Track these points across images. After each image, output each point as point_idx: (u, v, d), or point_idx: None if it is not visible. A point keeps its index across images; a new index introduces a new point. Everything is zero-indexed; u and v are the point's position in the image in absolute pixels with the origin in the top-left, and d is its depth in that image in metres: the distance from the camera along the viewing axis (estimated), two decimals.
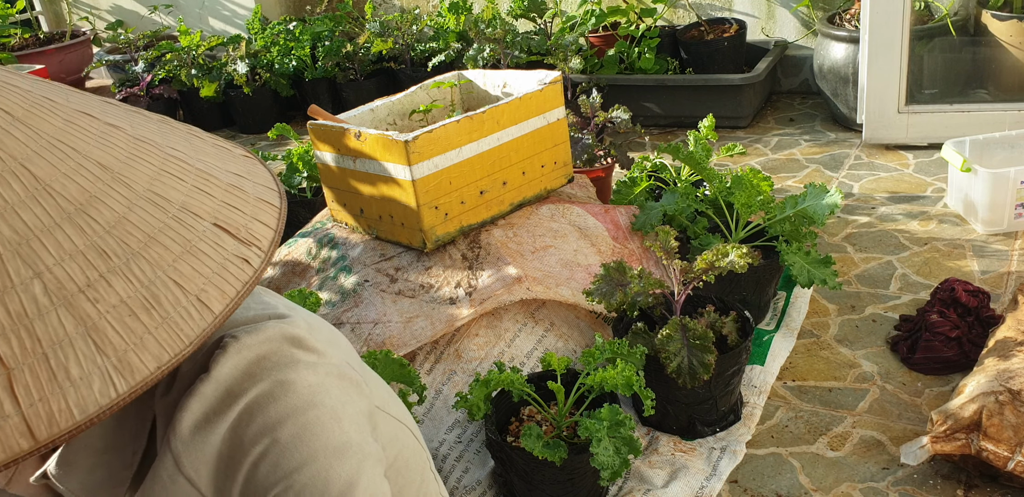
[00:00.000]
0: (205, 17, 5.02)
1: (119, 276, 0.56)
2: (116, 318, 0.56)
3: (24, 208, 0.55)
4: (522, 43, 3.56)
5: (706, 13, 3.93)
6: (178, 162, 0.64)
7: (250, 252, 0.63)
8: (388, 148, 1.91)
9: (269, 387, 0.70)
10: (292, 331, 0.73)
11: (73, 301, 0.55)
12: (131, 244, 0.58)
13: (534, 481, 1.67)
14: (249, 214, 0.65)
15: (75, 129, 0.60)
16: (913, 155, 3.14)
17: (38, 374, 0.53)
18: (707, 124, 2.45)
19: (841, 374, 2.04)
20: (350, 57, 4.09)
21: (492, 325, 1.99)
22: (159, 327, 0.57)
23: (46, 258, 0.55)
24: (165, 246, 0.59)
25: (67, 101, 0.62)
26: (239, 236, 0.63)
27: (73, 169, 0.58)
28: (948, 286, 2.12)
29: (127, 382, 0.55)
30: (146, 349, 0.56)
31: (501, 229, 2.11)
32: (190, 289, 0.59)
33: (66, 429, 0.53)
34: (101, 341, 0.55)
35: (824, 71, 3.41)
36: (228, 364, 0.70)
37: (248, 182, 0.68)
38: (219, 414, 0.69)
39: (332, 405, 0.71)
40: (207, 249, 0.61)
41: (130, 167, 0.61)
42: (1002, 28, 3.15)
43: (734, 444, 1.84)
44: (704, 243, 2.13)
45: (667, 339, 1.74)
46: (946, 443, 1.62)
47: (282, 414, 0.69)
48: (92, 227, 0.57)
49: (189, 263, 0.59)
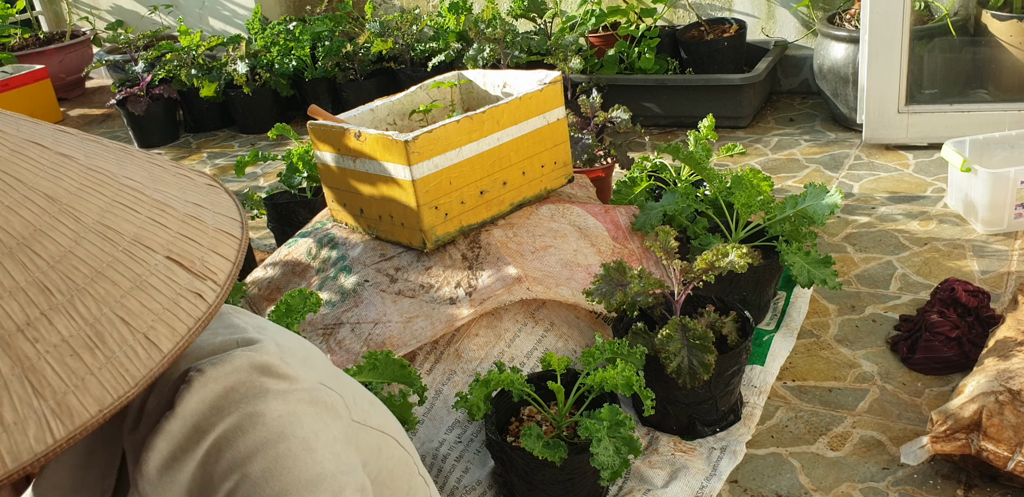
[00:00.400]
0: (205, 17, 5.02)
1: (61, 314, 0.54)
2: (56, 358, 0.53)
3: None
4: (522, 43, 3.56)
5: (706, 13, 3.93)
6: (133, 192, 0.61)
7: (204, 286, 0.60)
8: (388, 148, 1.91)
9: (237, 420, 0.67)
10: (260, 359, 0.70)
11: (10, 341, 0.52)
12: (76, 280, 0.55)
13: (534, 481, 1.67)
14: (207, 246, 0.62)
15: (22, 159, 0.57)
16: (913, 155, 3.14)
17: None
18: (707, 124, 2.45)
19: (841, 374, 2.04)
20: (350, 57, 4.09)
21: (492, 325, 1.99)
22: (103, 368, 0.54)
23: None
24: (113, 281, 0.56)
25: (16, 131, 0.60)
26: (193, 269, 0.60)
27: (17, 201, 0.55)
28: (948, 286, 2.12)
29: (65, 427, 0.52)
30: (87, 391, 0.53)
31: (501, 229, 2.11)
32: (138, 327, 0.56)
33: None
34: (39, 383, 0.52)
35: (824, 71, 3.41)
36: (194, 399, 0.67)
37: (208, 212, 0.65)
38: (187, 451, 0.67)
39: (304, 435, 0.69)
40: (158, 284, 0.58)
41: (80, 198, 0.58)
42: (1002, 28, 3.15)
43: (734, 444, 1.84)
44: (704, 243, 2.13)
45: (667, 339, 1.74)
46: (946, 443, 1.62)
47: (251, 448, 0.67)
48: (35, 262, 0.54)
49: (138, 299, 0.56)
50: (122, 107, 4.18)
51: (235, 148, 4.15)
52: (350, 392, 0.81)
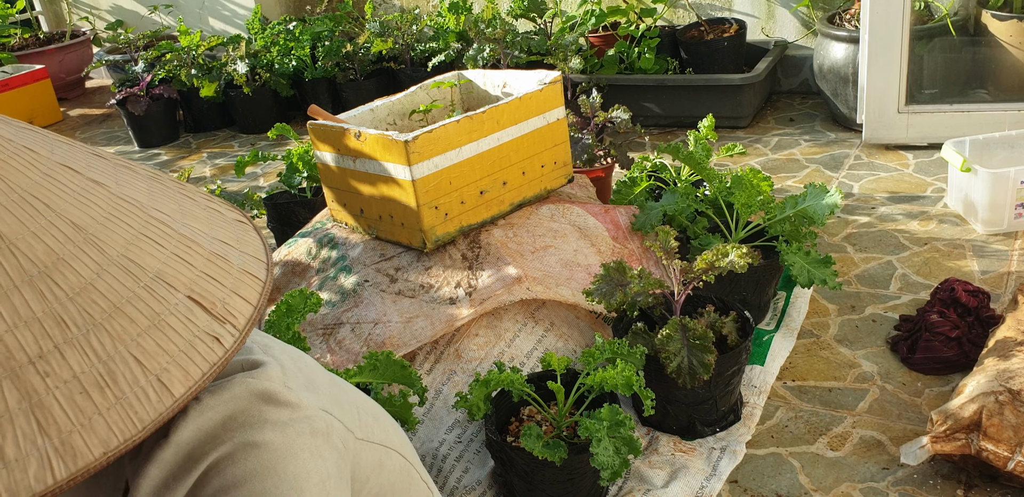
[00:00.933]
0: (205, 17, 5.02)
1: (75, 349, 0.52)
2: (65, 395, 0.51)
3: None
4: (522, 43, 3.56)
5: (706, 13, 3.93)
6: (160, 226, 0.60)
7: (223, 330, 0.58)
8: (388, 148, 1.91)
9: (231, 449, 0.65)
10: (262, 386, 0.68)
11: (20, 373, 0.50)
12: (94, 314, 0.53)
13: (534, 481, 1.67)
14: (229, 287, 0.60)
15: (53, 184, 0.56)
16: (913, 155, 3.14)
17: None
18: (707, 124, 2.46)
19: (841, 374, 2.04)
20: (350, 57, 4.09)
21: (492, 325, 1.99)
22: (111, 408, 0.52)
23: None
24: (131, 318, 0.54)
25: (50, 153, 0.58)
26: (214, 311, 0.58)
27: (43, 228, 0.53)
28: (948, 286, 2.12)
29: (67, 468, 0.50)
30: (94, 432, 0.51)
31: (501, 229, 2.11)
32: (151, 368, 0.54)
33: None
34: (45, 420, 0.50)
35: (824, 71, 3.41)
36: (189, 427, 0.65)
37: (235, 251, 0.63)
38: (178, 479, 0.65)
39: (296, 473, 0.67)
40: (176, 324, 0.56)
41: (106, 229, 0.56)
42: (1002, 28, 3.15)
43: (734, 444, 1.84)
44: (704, 243, 2.13)
45: (667, 339, 1.74)
46: (946, 443, 1.62)
47: (240, 478, 0.65)
48: (54, 293, 0.52)
49: (154, 338, 0.55)
50: (122, 107, 4.18)
51: (235, 148, 4.15)
52: (354, 410, 0.80)
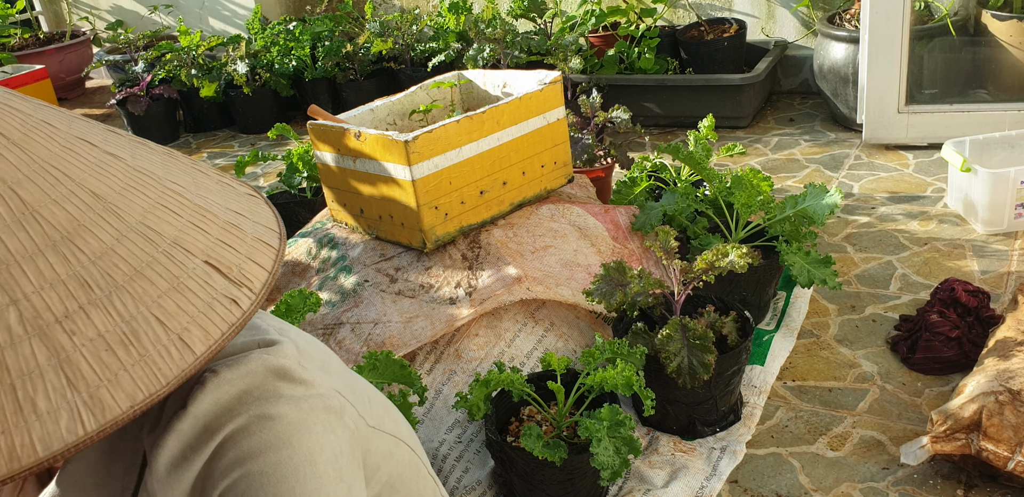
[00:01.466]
0: (205, 17, 5.02)
1: (99, 309, 0.54)
2: (91, 352, 0.53)
3: (7, 233, 0.53)
4: (522, 43, 3.56)
5: (706, 13, 3.93)
6: (176, 196, 0.62)
7: (240, 293, 0.60)
8: (388, 148, 1.91)
9: (246, 422, 0.67)
10: (277, 362, 0.70)
11: (48, 331, 0.52)
12: (115, 277, 0.55)
13: (534, 481, 1.67)
14: (244, 254, 0.62)
15: (72, 156, 0.58)
16: (913, 155, 3.14)
17: (3, 405, 0.51)
18: (707, 124, 2.46)
19: (841, 374, 2.04)
20: (350, 57, 4.09)
21: (492, 325, 1.99)
22: (136, 365, 0.54)
23: (25, 285, 0.53)
24: (151, 281, 0.56)
25: (68, 127, 0.61)
26: (230, 276, 0.60)
27: (64, 196, 0.56)
28: (948, 286, 2.12)
29: (96, 420, 0.52)
30: (120, 387, 0.53)
31: (501, 229, 2.11)
32: (172, 327, 0.56)
33: (27, 465, 0.50)
34: (73, 375, 0.52)
35: (824, 71, 3.41)
36: (207, 400, 0.67)
37: (248, 221, 0.66)
38: (195, 450, 0.67)
39: (309, 446, 0.68)
40: (195, 287, 0.58)
41: (124, 198, 0.59)
42: (1002, 28, 3.15)
43: (734, 444, 1.84)
44: (704, 243, 2.13)
45: (667, 339, 1.74)
46: (946, 443, 1.62)
47: (255, 449, 0.66)
48: (77, 257, 0.55)
49: (174, 300, 0.57)
50: (122, 107, 4.18)
51: (235, 148, 4.15)
52: (365, 397, 0.81)
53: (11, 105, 0.58)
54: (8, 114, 0.57)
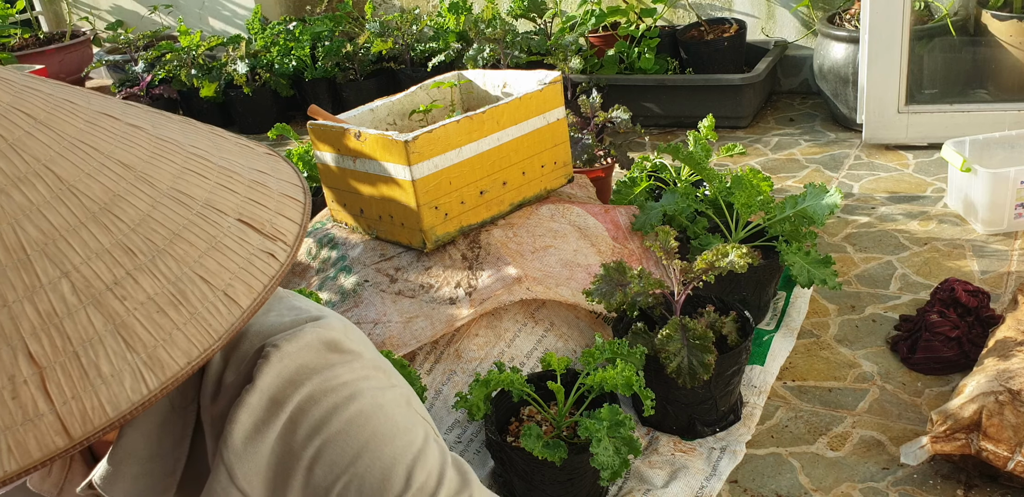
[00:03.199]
0: (205, 17, 5.02)
1: (146, 273, 0.57)
2: (144, 315, 0.56)
3: (49, 209, 0.55)
4: (522, 43, 3.56)
5: (706, 13, 3.93)
6: (200, 160, 0.64)
7: (275, 246, 0.63)
8: (388, 148, 1.91)
9: (310, 391, 0.71)
10: (328, 335, 0.74)
11: (101, 299, 0.55)
12: (156, 241, 0.58)
13: (534, 481, 1.67)
14: (273, 209, 0.65)
15: (97, 130, 0.60)
16: (913, 155, 3.14)
17: (70, 372, 0.53)
18: (707, 124, 2.45)
19: (841, 374, 2.04)
20: (350, 57, 4.09)
21: (492, 325, 1.99)
22: (187, 323, 0.57)
23: (73, 257, 0.55)
24: (190, 242, 0.59)
25: (88, 103, 0.62)
26: (264, 231, 0.63)
27: (96, 169, 0.58)
28: (948, 286, 2.12)
29: (158, 378, 0.55)
30: (175, 345, 0.56)
31: (501, 229, 2.11)
32: (217, 284, 0.59)
33: (100, 426, 0.53)
34: (130, 338, 0.55)
35: (824, 71, 3.41)
36: (271, 373, 0.70)
37: (271, 178, 0.68)
38: (267, 423, 0.70)
39: (372, 393, 0.73)
40: (232, 245, 0.61)
41: (153, 166, 0.61)
42: (1002, 28, 3.15)
43: (734, 444, 1.84)
44: (704, 243, 2.13)
45: (667, 339, 1.74)
46: (946, 443, 1.62)
47: (326, 414, 0.71)
48: (117, 225, 0.57)
49: (215, 259, 0.59)
50: None
51: None
52: (398, 378, 0.86)
53: (32, 86, 0.60)
54: (31, 95, 0.59)
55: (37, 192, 0.55)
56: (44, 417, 0.52)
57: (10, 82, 0.59)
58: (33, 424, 0.52)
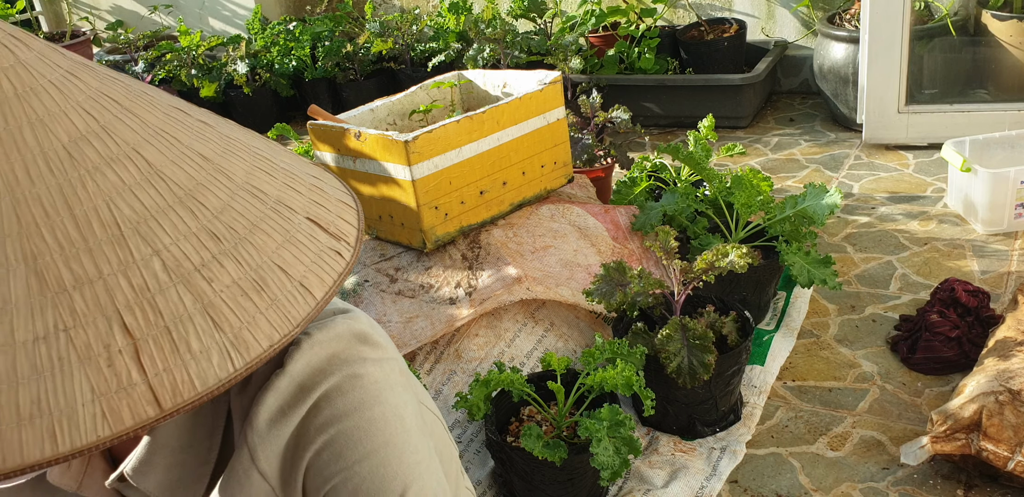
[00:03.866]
0: (205, 17, 5.02)
1: (230, 258, 0.59)
2: (230, 297, 0.58)
3: (140, 190, 0.58)
4: (522, 43, 3.56)
5: (706, 13, 3.93)
6: (265, 160, 0.67)
7: (340, 245, 0.66)
8: (388, 148, 1.91)
9: (339, 381, 0.73)
10: (358, 327, 0.77)
11: (190, 279, 0.57)
12: (238, 230, 0.60)
13: (534, 481, 1.66)
14: (334, 212, 0.68)
15: (174, 121, 0.63)
16: (913, 155, 3.14)
17: (162, 345, 0.56)
18: (707, 124, 2.45)
19: (841, 374, 2.04)
20: (350, 57, 4.09)
21: (492, 325, 1.99)
22: (269, 308, 0.59)
23: (163, 237, 0.58)
24: (267, 234, 0.62)
25: (160, 96, 0.66)
26: (329, 230, 0.66)
27: (179, 157, 0.61)
28: (948, 286, 2.12)
29: (243, 358, 0.57)
30: (259, 328, 0.59)
31: (501, 229, 2.11)
32: (294, 275, 0.61)
33: (188, 400, 0.55)
34: (218, 318, 0.58)
35: (824, 71, 3.41)
36: (302, 360, 0.73)
37: (325, 184, 0.71)
38: (292, 407, 0.72)
39: (395, 403, 0.75)
40: (304, 240, 0.63)
41: (227, 160, 0.64)
42: (1002, 28, 3.15)
43: (734, 444, 1.84)
44: (704, 243, 2.13)
45: (667, 339, 1.74)
46: (946, 443, 1.62)
47: (349, 407, 0.73)
48: (202, 211, 0.60)
49: (290, 251, 0.62)
50: None
51: None
52: (416, 383, 0.88)
53: (113, 76, 0.63)
54: (114, 83, 0.62)
55: (128, 173, 0.58)
56: (137, 386, 0.55)
57: (95, 70, 0.62)
58: (126, 392, 0.54)
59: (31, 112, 0.57)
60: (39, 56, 0.59)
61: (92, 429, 0.53)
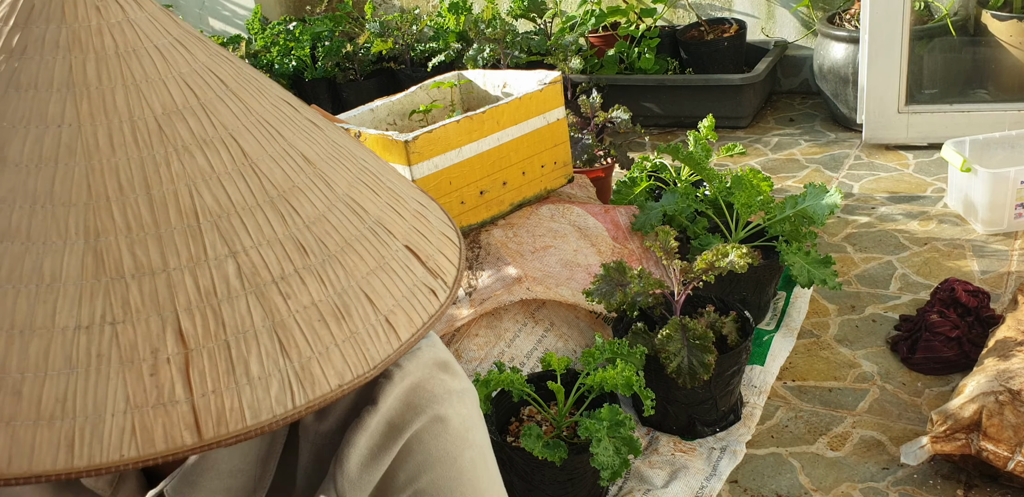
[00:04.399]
0: (205, 17, 5.02)
1: (313, 276, 0.52)
2: (305, 320, 0.51)
3: (229, 180, 0.52)
4: (522, 43, 3.56)
5: (706, 13, 3.93)
6: (372, 175, 0.61)
7: (436, 283, 0.58)
8: (388, 148, 1.91)
9: (427, 423, 0.68)
10: (440, 355, 0.71)
11: (264, 291, 0.50)
12: (329, 246, 0.53)
13: (534, 481, 1.66)
14: (435, 245, 0.61)
15: (281, 115, 0.58)
16: (913, 155, 3.14)
17: (216, 362, 0.48)
18: (707, 124, 2.45)
19: (841, 374, 2.04)
20: (350, 57, 4.09)
21: (492, 325, 1.99)
22: (346, 341, 0.52)
23: (244, 239, 0.51)
24: (360, 256, 0.55)
25: (270, 86, 0.61)
26: (427, 264, 0.58)
27: (279, 154, 0.55)
28: (948, 286, 2.12)
29: (306, 394, 0.49)
30: (330, 362, 0.51)
31: (501, 229, 2.11)
32: (381, 307, 0.54)
33: (233, 432, 0.48)
34: (287, 341, 0.50)
35: (824, 71, 3.41)
36: (393, 394, 0.67)
37: (430, 213, 0.64)
38: (383, 449, 0.67)
39: (480, 442, 0.71)
40: (398, 270, 0.56)
41: (331, 167, 0.57)
42: (1002, 28, 3.15)
43: (734, 444, 1.84)
44: (704, 243, 2.13)
45: (667, 339, 1.74)
46: (946, 443, 1.62)
47: (440, 453, 0.68)
48: (293, 218, 0.53)
49: (381, 280, 0.55)
50: None
51: None
52: None
53: (223, 54, 0.58)
54: (223, 62, 0.57)
55: (220, 160, 0.52)
56: (178, 405, 0.47)
57: (207, 45, 0.57)
58: (165, 410, 0.47)
59: (128, 74, 0.51)
60: (150, 17, 0.54)
61: (117, 446, 0.46)
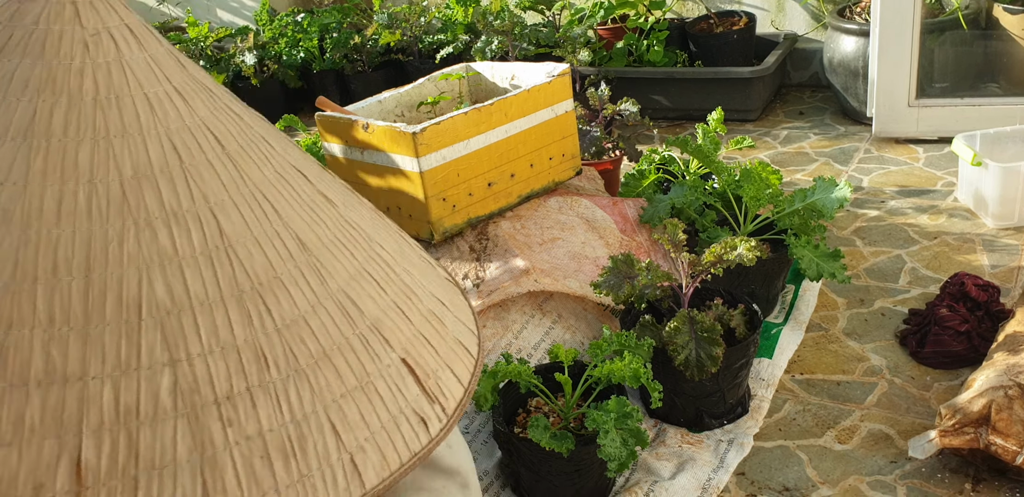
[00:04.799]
0: (213, 9, 5.02)
1: (269, 397, 0.42)
2: (243, 455, 0.41)
3: (192, 267, 0.42)
4: (530, 35, 3.55)
5: (715, 6, 3.92)
6: (383, 265, 0.51)
7: (431, 411, 0.48)
8: (396, 140, 1.91)
9: None
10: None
11: (201, 414, 0.40)
12: (299, 357, 0.43)
13: (541, 472, 1.67)
14: (442, 357, 0.50)
15: (284, 187, 0.48)
16: (923, 149, 3.13)
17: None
18: (716, 117, 2.45)
19: (849, 368, 2.04)
20: (358, 49, 4.09)
21: (499, 317, 1.99)
22: (291, 487, 0.41)
23: (192, 344, 0.41)
24: (338, 372, 0.45)
25: (284, 151, 0.51)
26: (426, 384, 0.48)
27: (267, 235, 0.45)
28: (958, 280, 2.11)
29: None
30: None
31: (509, 221, 2.11)
32: (347, 442, 0.43)
33: None
34: (212, 485, 0.39)
35: (834, 64, 3.39)
36: None
37: (449, 313, 0.54)
38: None
39: None
40: (384, 391, 0.46)
41: (331, 254, 0.48)
42: (1014, 21, 3.13)
43: (741, 437, 1.84)
44: (712, 236, 2.13)
45: (675, 331, 1.74)
46: (954, 437, 1.62)
47: None
48: (262, 318, 0.43)
49: (358, 404, 0.45)
50: None
51: None
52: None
53: (233, 109, 0.49)
54: (229, 119, 0.48)
55: (188, 240, 0.42)
56: None
57: (215, 97, 0.48)
58: None
59: (101, 126, 0.43)
60: (150, 60, 0.46)
61: None
